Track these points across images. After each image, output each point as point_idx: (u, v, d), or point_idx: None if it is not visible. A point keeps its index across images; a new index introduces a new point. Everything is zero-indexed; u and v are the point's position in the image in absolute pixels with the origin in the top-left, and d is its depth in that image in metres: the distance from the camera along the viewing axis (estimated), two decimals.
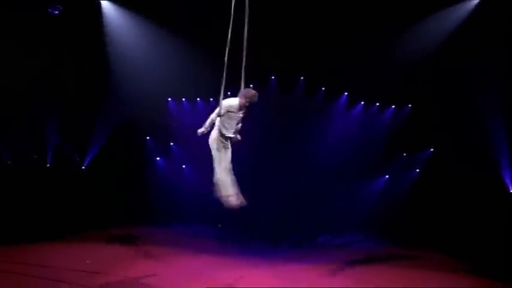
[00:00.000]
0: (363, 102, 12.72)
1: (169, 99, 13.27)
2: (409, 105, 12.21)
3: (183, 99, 13.31)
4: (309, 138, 12.29)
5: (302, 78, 12.64)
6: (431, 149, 12.00)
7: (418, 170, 12.20)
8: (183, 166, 13.31)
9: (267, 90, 12.51)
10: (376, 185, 12.42)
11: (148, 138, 13.40)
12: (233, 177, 5.93)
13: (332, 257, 9.59)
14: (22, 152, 11.92)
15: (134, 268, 7.65)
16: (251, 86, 6.25)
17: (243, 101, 5.82)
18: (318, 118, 12.47)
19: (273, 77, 12.81)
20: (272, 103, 12.24)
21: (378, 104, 12.63)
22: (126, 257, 8.51)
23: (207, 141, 12.21)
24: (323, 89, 12.69)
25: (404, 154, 12.39)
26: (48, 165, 12.11)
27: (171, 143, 13.38)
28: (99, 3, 11.10)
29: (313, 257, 9.57)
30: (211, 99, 12.87)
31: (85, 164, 12.74)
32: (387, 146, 12.21)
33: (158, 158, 13.41)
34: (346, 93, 12.69)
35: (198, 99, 13.22)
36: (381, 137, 12.26)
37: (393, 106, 12.43)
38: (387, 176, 12.42)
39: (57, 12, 10.08)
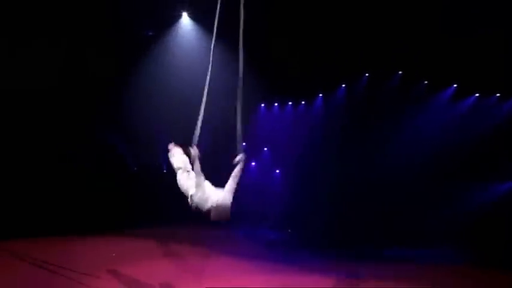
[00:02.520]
0: (477, 94, 10.90)
1: (262, 104, 13.38)
2: None
3: (275, 103, 13.28)
4: (399, 137, 11.08)
5: (400, 72, 11.43)
6: None
7: None
8: (277, 171, 13.25)
9: (357, 88, 11.89)
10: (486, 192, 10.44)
11: (244, 144, 13.63)
12: None
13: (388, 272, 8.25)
14: (144, 160, 13.23)
15: (148, 264, 7.60)
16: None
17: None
18: (412, 115, 11.20)
19: (366, 74, 11.88)
20: (363, 101, 11.55)
21: (496, 95, 10.69)
22: (153, 252, 8.51)
23: (299, 146, 12.56)
24: (425, 82, 11.28)
25: None
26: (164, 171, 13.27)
27: (265, 148, 13.44)
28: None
29: (366, 269, 8.31)
30: (302, 102, 13.02)
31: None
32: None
33: (253, 163, 13.59)
34: (455, 85, 11.06)
35: (290, 103, 13.11)
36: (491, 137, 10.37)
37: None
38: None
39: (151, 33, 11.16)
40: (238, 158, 4.59)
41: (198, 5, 10.46)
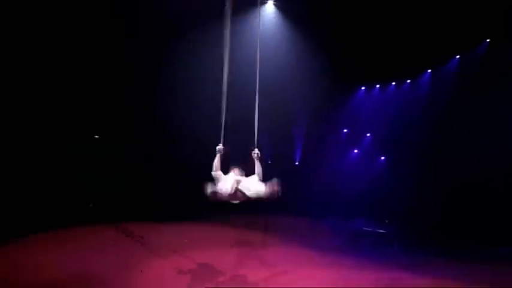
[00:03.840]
0: None
1: (363, 87, 12.55)
2: None
3: (377, 85, 12.32)
4: None
5: None
6: None
7: None
8: (382, 158, 12.28)
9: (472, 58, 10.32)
10: None
11: (345, 130, 13.04)
12: None
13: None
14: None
15: (217, 250, 7.48)
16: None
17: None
18: None
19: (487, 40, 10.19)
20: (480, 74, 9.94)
21: None
22: (224, 240, 8.34)
23: (404, 131, 11.31)
24: None
25: None
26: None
27: (367, 134, 12.59)
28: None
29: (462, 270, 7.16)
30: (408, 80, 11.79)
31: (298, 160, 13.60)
32: None
33: (356, 151, 12.85)
34: None
35: (393, 83, 12.02)
36: None
37: None
38: None
39: None
40: (254, 153, 5.25)
41: None
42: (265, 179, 5.15)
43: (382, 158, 12.25)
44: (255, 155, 5.21)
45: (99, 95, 9.85)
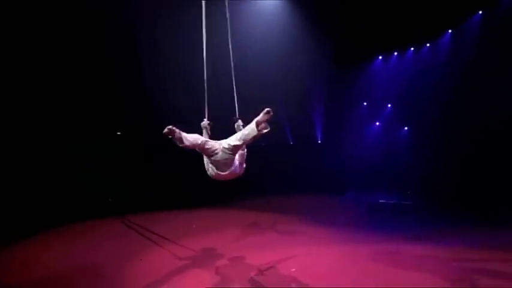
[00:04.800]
0: None
1: (380, 56, 11.97)
2: None
3: (395, 52, 11.69)
4: None
5: None
6: None
7: None
8: (405, 128, 11.71)
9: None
10: None
11: (365, 103, 12.56)
12: None
13: None
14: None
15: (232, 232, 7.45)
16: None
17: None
18: None
19: None
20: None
21: None
22: (242, 221, 8.24)
23: (426, 98, 10.68)
24: None
25: None
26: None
27: (389, 105, 12.03)
28: None
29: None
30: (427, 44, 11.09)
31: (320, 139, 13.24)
32: None
33: (378, 123, 12.34)
34: None
35: (412, 48, 11.36)
36: None
37: None
38: None
39: None
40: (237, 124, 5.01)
41: None
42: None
43: (405, 128, 11.72)
44: (240, 126, 4.94)
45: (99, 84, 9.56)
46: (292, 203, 10.11)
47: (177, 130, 4.31)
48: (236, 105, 5.07)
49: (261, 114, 4.19)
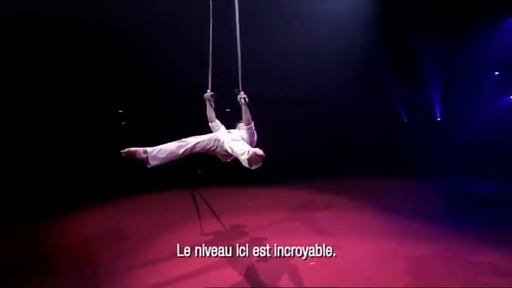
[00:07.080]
0: None
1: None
2: None
3: None
4: None
5: None
6: None
7: None
8: None
9: None
10: None
11: (496, 73, 10.51)
12: None
13: None
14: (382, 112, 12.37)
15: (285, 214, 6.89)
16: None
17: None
18: None
19: None
20: None
21: None
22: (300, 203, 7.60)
23: None
24: None
25: None
26: (405, 120, 12.34)
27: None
28: None
29: None
30: None
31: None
32: None
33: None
34: None
35: None
36: None
37: None
38: None
39: None
40: (240, 97, 4.19)
41: None
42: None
43: None
44: (242, 99, 4.15)
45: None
46: (372, 187, 8.98)
47: (140, 149, 3.84)
48: (240, 75, 4.25)
49: (254, 155, 3.66)
